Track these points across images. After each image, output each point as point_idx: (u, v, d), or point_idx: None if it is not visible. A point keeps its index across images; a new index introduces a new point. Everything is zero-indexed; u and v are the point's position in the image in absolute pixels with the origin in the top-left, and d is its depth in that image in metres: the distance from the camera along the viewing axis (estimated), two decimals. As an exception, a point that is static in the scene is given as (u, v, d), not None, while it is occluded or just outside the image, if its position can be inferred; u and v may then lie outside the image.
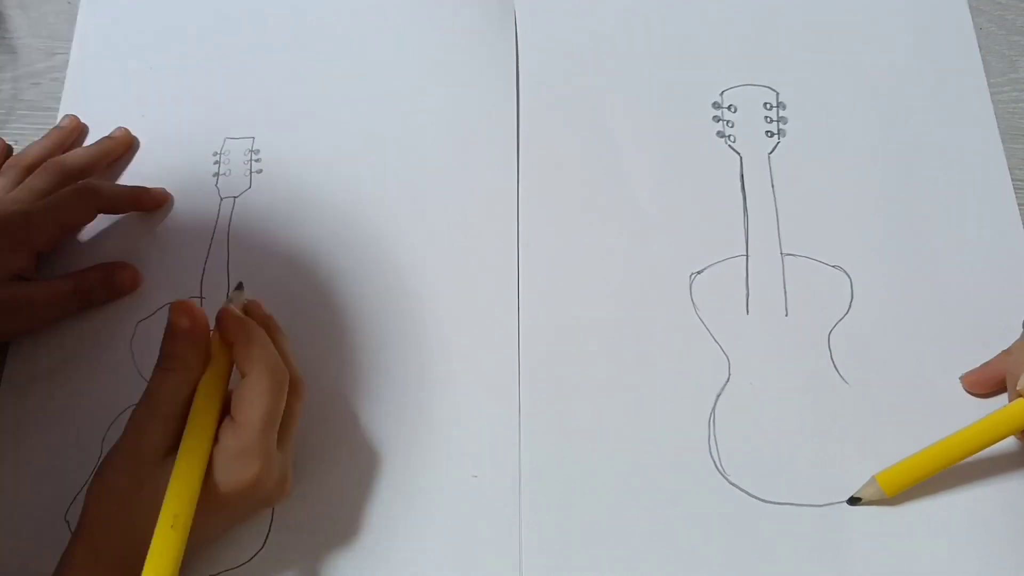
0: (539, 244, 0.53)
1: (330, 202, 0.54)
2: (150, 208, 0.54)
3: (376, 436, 0.48)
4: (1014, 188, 0.55)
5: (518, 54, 0.58)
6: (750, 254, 0.53)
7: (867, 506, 0.46)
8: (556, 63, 0.58)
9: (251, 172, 0.55)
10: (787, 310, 0.51)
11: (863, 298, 0.51)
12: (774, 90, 0.58)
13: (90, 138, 0.56)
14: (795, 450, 0.48)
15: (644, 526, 0.46)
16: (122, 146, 0.55)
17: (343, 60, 0.59)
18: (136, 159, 0.56)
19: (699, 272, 0.52)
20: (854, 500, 0.46)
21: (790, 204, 0.54)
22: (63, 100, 0.57)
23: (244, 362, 0.41)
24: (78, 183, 0.51)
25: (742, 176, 0.55)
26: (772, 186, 0.54)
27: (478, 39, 0.59)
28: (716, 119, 0.57)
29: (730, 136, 0.56)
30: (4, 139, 0.55)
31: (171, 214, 0.54)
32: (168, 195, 0.54)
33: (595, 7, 0.60)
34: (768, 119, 0.57)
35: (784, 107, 0.57)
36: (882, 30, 0.60)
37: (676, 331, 0.51)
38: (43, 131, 0.55)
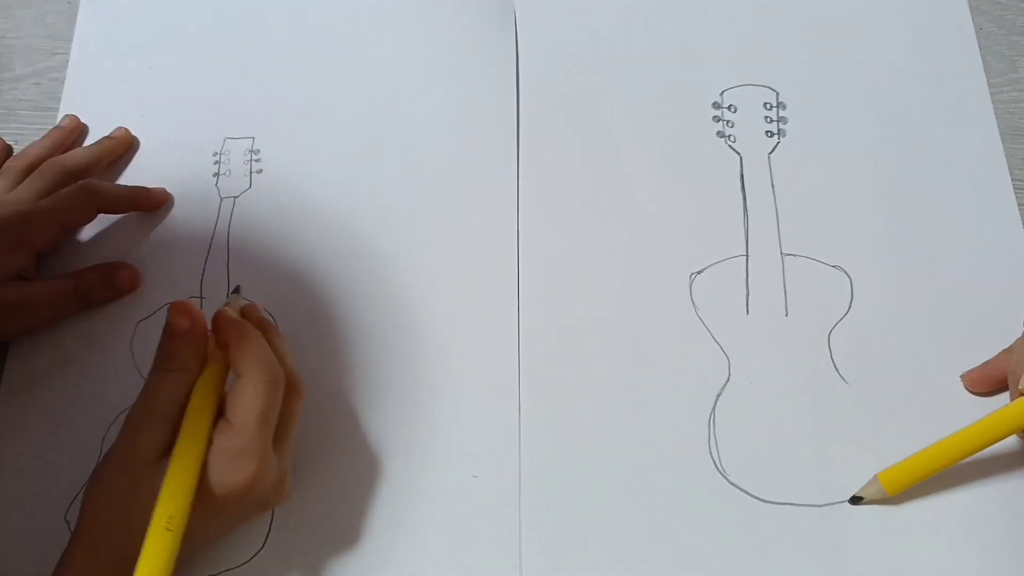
0: (539, 244, 0.53)
1: (330, 202, 0.54)
2: (150, 208, 0.54)
3: (376, 436, 0.48)
4: (1014, 188, 0.55)
5: (518, 54, 0.58)
6: (750, 254, 0.53)
7: (868, 506, 0.46)
8: (556, 63, 0.58)
9: (251, 172, 0.55)
10: (787, 310, 0.51)
11: (863, 298, 0.51)
12: (774, 90, 0.58)
13: (90, 138, 0.56)
14: (795, 450, 0.48)
15: (644, 526, 0.46)
16: (122, 146, 0.55)
17: (343, 60, 0.59)
18: (136, 159, 0.56)
19: (699, 272, 0.52)
20: (856, 499, 0.46)
21: (790, 204, 0.54)
22: (63, 100, 0.57)
23: (238, 363, 0.41)
24: (78, 183, 0.51)
25: (742, 176, 0.55)
26: (772, 186, 0.54)
27: (478, 39, 0.59)
28: (716, 119, 0.57)
29: (730, 136, 0.56)
30: (4, 139, 0.55)
31: (171, 214, 0.54)
32: (168, 195, 0.54)
33: (595, 7, 0.60)
34: (768, 119, 0.57)
35: (784, 107, 0.57)
36: (882, 30, 0.60)
37: (676, 331, 0.51)
38: (43, 131, 0.55)
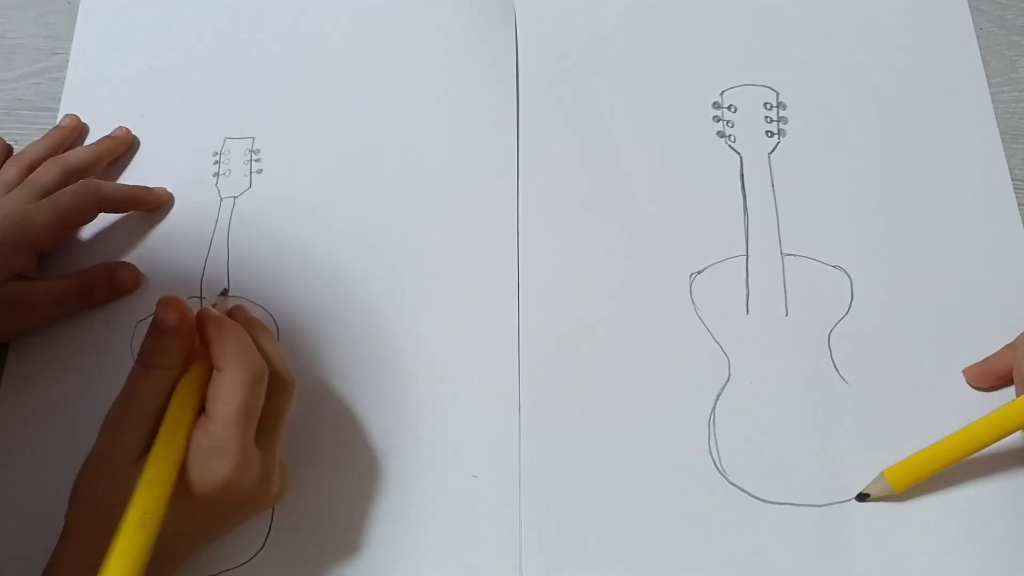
0: (539, 244, 0.53)
1: (330, 202, 0.54)
2: (152, 208, 0.54)
3: (376, 436, 0.48)
4: (1014, 188, 0.55)
5: (518, 54, 0.58)
6: (750, 254, 0.53)
7: (868, 506, 0.46)
8: (556, 63, 0.58)
9: (251, 172, 0.55)
10: (787, 310, 0.51)
11: (863, 298, 0.51)
12: (774, 90, 0.58)
13: (90, 138, 0.56)
14: (795, 450, 0.48)
15: (644, 526, 0.46)
16: (122, 145, 0.55)
17: (343, 60, 0.59)
18: (136, 159, 0.56)
19: (699, 272, 0.52)
20: (863, 496, 0.46)
21: (790, 204, 0.54)
22: (63, 100, 0.57)
23: (218, 358, 0.40)
24: (80, 181, 0.51)
25: (742, 176, 0.55)
26: (772, 186, 0.54)
27: (478, 39, 0.59)
28: (716, 119, 0.57)
29: (730, 136, 0.56)
30: (4, 139, 0.55)
31: (171, 214, 0.54)
32: (170, 195, 0.54)
33: (595, 7, 0.60)
34: (768, 119, 0.57)
35: (784, 107, 0.57)
36: (882, 30, 0.60)
37: (676, 331, 0.51)
38: (43, 131, 0.55)
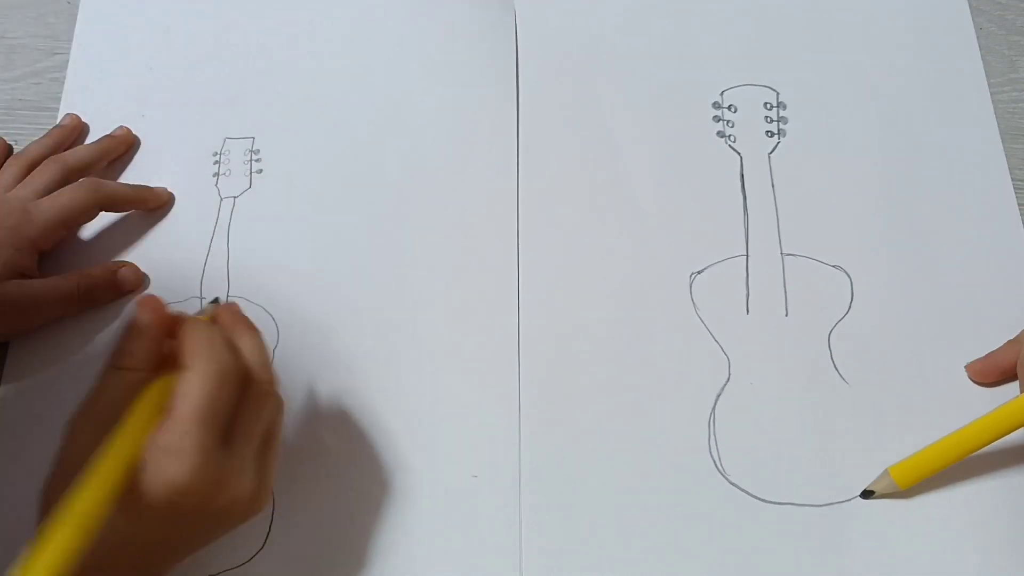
0: (539, 244, 0.53)
1: (330, 202, 0.54)
2: (152, 207, 0.54)
3: (376, 436, 0.48)
4: (1014, 188, 0.55)
5: (518, 54, 0.58)
6: (750, 254, 0.53)
7: (869, 506, 0.46)
8: (556, 63, 0.58)
9: (251, 172, 0.55)
10: (787, 310, 0.51)
11: (863, 298, 0.51)
12: (774, 90, 0.58)
13: (90, 138, 0.56)
14: (795, 450, 0.48)
15: (644, 526, 0.46)
16: (123, 145, 0.55)
17: (343, 60, 0.59)
18: (136, 159, 0.56)
19: (699, 272, 0.52)
20: (867, 493, 0.46)
21: (790, 204, 0.54)
22: (63, 100, 0.57)
23: (185, 355, 0.38)
24: (81, 180, 0.51)
25: (742, 176, 0.55)
26: (772, 186, 0.54)
27: (478, 39, 0.59)
28: (716, 119, 0.57)
29: (730, 136, 0.56)
30: (4, 139, 0.55)
31: (171, 214, 0.54)
32: (170, 195, 0.54)
33: (595, 7, 0.60)
34: (768, 119, 0.57)
35: (784, 107, 0.57)
36: (882, 30, 0.59)
37: (676, 331, 0.51)
38: (43, 131, 0.55)
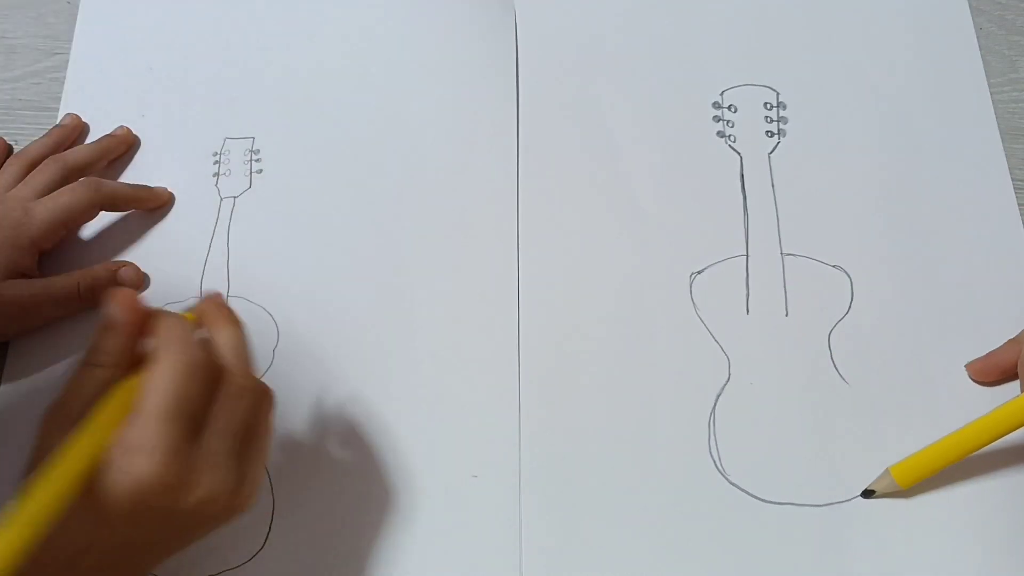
0: (539, 244, 0.53)
1: (330, 202, 0.54)
2: (152, 207, 0.54)
3: (376, 436, 0.48)
4: (1014, 188, 0.55)
5: (518, 54, 0.58)
6: (750, 254, 0.53)
7: (869, 506, 0.46)
8: (556, 63, 0.58)
9: (251, 172, 0.55)
10: (787, 310, 0.51)
11: (863, 298, 0.51)
12: (774, 90, 0.58)
13: (90, 138, 0.56)
14: (795, 450, 0.48)
15: (644, 526, 0.46)
16: (123, 144, 0.55)
17: (343, 60, 0.58)
18: (136, 159, 0.56)
19: (699, 272, 0.52)
20: (868, 493, 0.46)
21: (790, 204, 0.54)
22: (63, 100, 0.57)
23: (155, 350, 0.36)
24: (80, 180, 0.51)
25: (742, 176, 0.55)
26: (772, 186, 0.54)
27: (478, 39, 0.59)
28: (716, 119, 0.57)
29: (730, 136, 0.56)
30: (4, 139, 0.55)
31: (171, 214, 0.54)
32: (170, 194, 0.54)
33: (595, 7, 0.60)
34: (768, 119, 0.57)
35: (784, 107, 0.57)
36: (882, 30, 0.59)
37: (676, 331, 0.51)
38: (43, 131, 0.55)
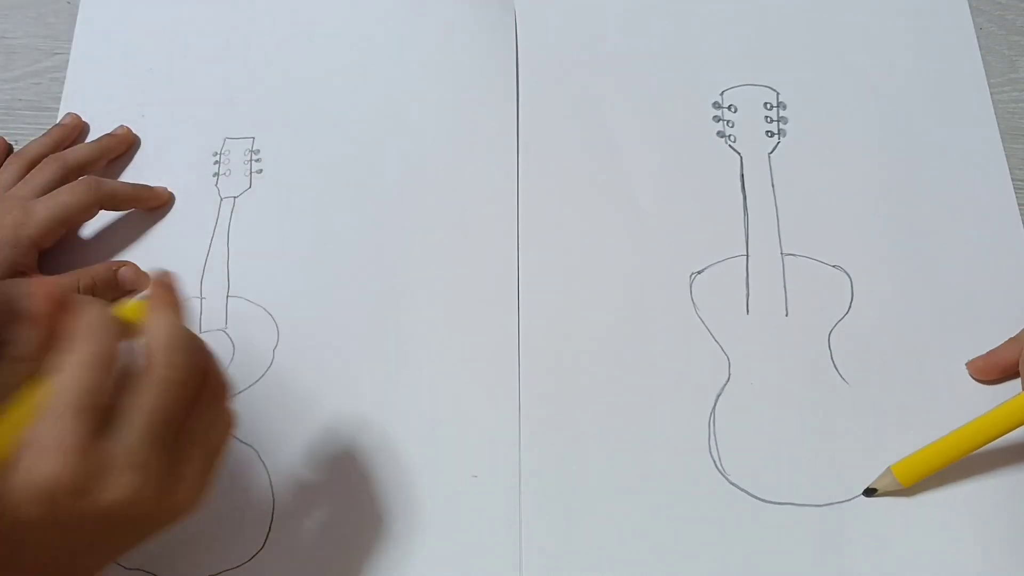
0: (539, 244, 0.53)
1: (330, 202, 0.54)
2: (152, 206, 0.54)
3: (376, 436, 0.48)
4: (1014, 188, 0.55)
5: (518, 54, 0.58)
6: (750, 254, 0.53)
7: (869, 506, 0.46)
8: (556, 63, 0.58)
9: (251, 172, 0.55)
10: (787, 310, 0.51)
11: (863, 298, 0.51)
12: (774, 90, 0.58)
13: (90, 138, 0.56)
14: (795, 450, 0.48)
15: (644, 526, 0.46)
16: (123, 144, 0.55)
17: (343, 60, 0.59)
18: (136, 159, 0.56)
19: (699, 272, 0.52)
20: (870, 491, 0.46)
21: (790, 204, 0.54)
22: (63, 100, 0.57)
23: (70, 340, 0.33)
24: (80, 178, 0.51)
25: (742, 176, 0.55)
26: (772, 186, 0.54)
27: (478, 39, 0.59)
28: (716, 119, 0.57)
29: (730, 136, 0.56)
30: (4, 138, 0.55)
31: (171, 214, 0.54)
32: (170, 194, 0.54)
33: (595, 7, 0.60)
34: (768, 119, 0.57)
35: (784, 107, 0.57)
36: (882, 30, 0.59)
37: (676, 331, 0.51)
38: (43, 131, 0.55)
